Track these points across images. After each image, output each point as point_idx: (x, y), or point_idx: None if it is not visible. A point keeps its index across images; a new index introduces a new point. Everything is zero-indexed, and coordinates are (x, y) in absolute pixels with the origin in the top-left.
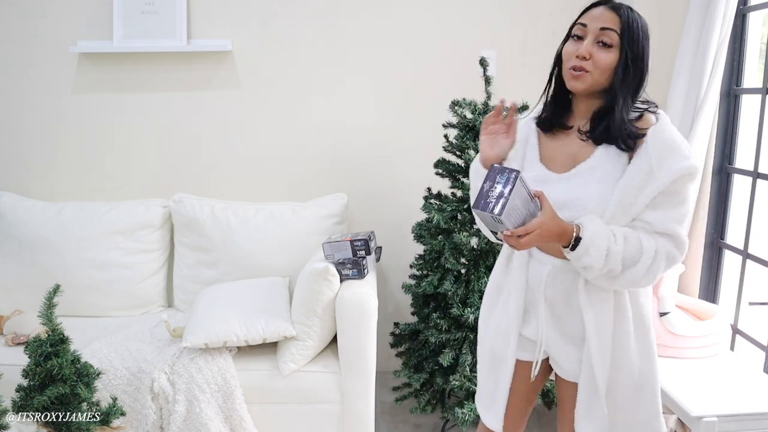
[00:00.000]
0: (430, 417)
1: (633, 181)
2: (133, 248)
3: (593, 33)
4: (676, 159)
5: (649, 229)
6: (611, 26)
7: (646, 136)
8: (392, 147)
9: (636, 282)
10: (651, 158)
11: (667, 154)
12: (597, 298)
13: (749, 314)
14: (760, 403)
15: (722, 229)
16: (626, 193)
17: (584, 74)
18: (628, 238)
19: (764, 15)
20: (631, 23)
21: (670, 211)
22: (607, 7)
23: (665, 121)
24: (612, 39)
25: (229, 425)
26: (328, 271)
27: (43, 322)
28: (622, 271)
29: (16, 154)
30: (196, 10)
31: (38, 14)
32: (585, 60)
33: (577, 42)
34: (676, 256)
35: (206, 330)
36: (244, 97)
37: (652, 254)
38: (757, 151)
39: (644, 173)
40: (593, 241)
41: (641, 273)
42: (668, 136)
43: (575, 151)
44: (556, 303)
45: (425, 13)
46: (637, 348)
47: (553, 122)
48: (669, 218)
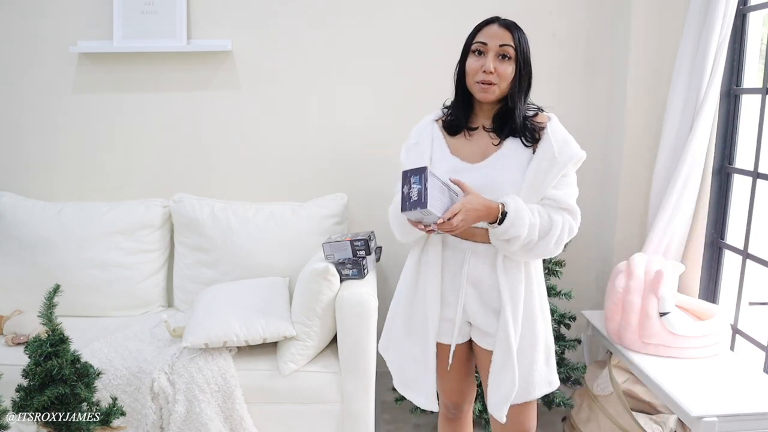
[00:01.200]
0: (430, 417)
1: (540, 166)
2: (133, 248)
3: (494, 50)
4: (571, 148)
5: (555, 205)
6: (508, 42)
7: (546, 130)
8: (392, 147)
9: (548, 251)
10: (553, 147)
11: (565, 144)
12: (511, 271)
13: (749, 314)
14: (760, 403)
15: (722, 229)
16: (535, 177)
17: (492, 86)
18: (541, 213)
19: (764, 15)
20: (520, 38)
21: (567, 189)
22: (500, 25)
23: (556, 120)
24: (510, 53)
25: (229, 425)
26: (328, 271)
27: (43, 322)
28: (537, 241)
29: (16, 154)
30: (196, 10)
31: (38, 14)
32: (491, 74)
33: (479, 57)
34: (574, 227)
35: (206, 330)
36: (244, 97)
37: (559, 226)
38: (757, 151)
39: (548, 159)
40: (518, 214)
41: (552, 242)
42: (563, 130)
43: (483, 145)
44: (479, 278)
45: (425, 14)
46: (540, 314)
47: (460, 125)
48: (568, 195)
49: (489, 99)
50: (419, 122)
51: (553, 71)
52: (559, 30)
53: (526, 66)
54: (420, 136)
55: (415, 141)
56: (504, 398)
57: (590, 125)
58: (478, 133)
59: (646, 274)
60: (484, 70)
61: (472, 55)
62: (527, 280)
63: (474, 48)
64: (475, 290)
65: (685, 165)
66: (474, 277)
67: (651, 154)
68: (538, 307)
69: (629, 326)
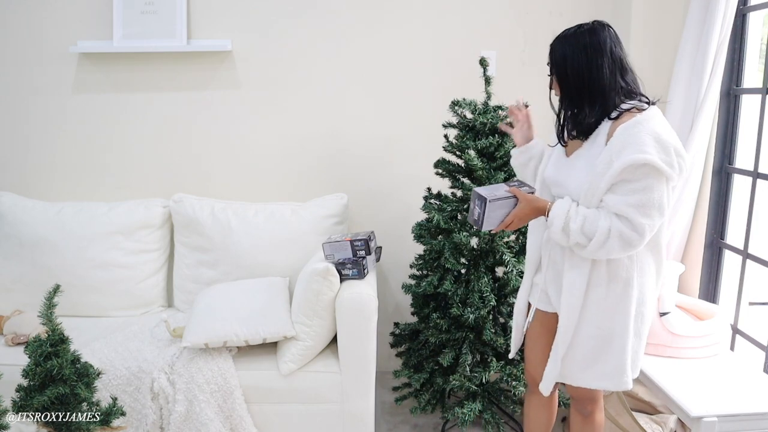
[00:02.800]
0: (430, 417)
1: (598, 169)
2: (133, 248)
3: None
4: (631, 151)
5: (607, 209)
6: (548, 62)
7: (615, 132)
8: (392, 147)
9: (595, 254)
10: (612, 151)
11: (626, 147)
12: (576, 260)
13: (749, 314)
14: (760, 403)
15: (722, 229)
16: (593, 179)
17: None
18: (588, 217)
19: (764, 15)
20: (554, 54)
21: (625, 197)
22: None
23: (639, 121)
24: (550, 71)
25: (229, 425)
26: (329, 271)
27: (43, 322)
28: (587, 244)
29: (16, 154)
30: (196, 10)
31: (38, 14)
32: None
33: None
34: (632, 238)
35: (206, 330)
36: (244, 97)
37: (605, 232)
38: (757, 151)
39: (606, 163)
40: (552, 221)
41: (596, 247)
42: (635, 132)
43: (577, 143)
44: (556, 259)
45: (426, 13)
46: (607, 307)
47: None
48: (623, 202)
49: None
50: None
51: None
52: (559, 30)
53: (561, 75)
54: None
55: None
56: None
57: None
58: None
59: None
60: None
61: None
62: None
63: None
64: (554, 269)
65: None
66: (553, 257)
67: None
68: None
69: None
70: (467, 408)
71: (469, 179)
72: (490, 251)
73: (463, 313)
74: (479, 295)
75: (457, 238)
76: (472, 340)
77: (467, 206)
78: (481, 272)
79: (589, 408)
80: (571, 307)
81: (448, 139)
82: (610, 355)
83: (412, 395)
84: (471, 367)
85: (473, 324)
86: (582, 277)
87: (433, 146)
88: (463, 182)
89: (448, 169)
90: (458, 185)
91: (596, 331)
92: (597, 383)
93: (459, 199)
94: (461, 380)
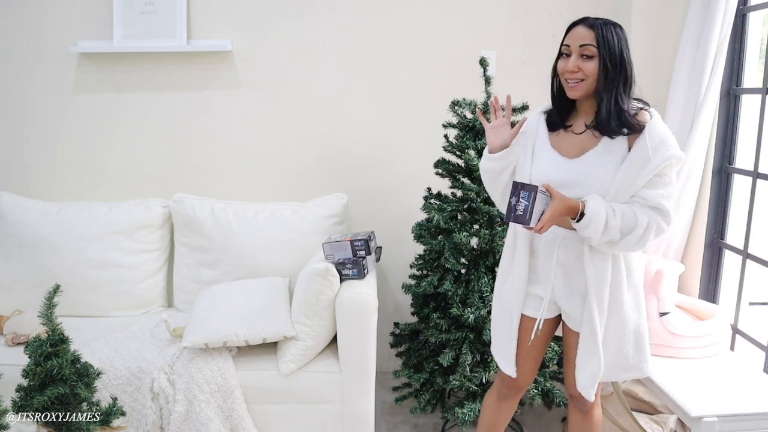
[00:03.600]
0: (430, 417)
1: (633, 165)
2: (133, 248)
3: (576, 50)
4: (666, 148)
5: (644, 203)
6: (589, 42)
7: (645, 130)
8: (392, 147)
9: (630, 248)
10: (648, 147)
11: (660, 144)
12: (598, 259)
13: (749, 314)
14: (760, 403)
15: (722, 229)
16: (627, 176)
17: (579, 84)
18: (626, 213)
19: (764, 15)
20: (605, 34)
21: (660, 190)
22: (584, 25)
23: (658, 118)
24: (591, 51)
25: (229, 425)
26: (329, 271)
27: (43, 322)
28: (620, 239)
29: (16, 154)
30: (196, 10)
31: (38, 14)
32: (575, 72)
33: (566, 59)
34: (664, 227)
35: (206, 330)
36: (244, 97)
37: (644, 225)
38: (757, 151)
39: (642, 159)
40: (593, 219)
41: (634, 240)
42: (661, 130)
43: (584, 141)
44: (567, 263)
45: (426, 13)
46: (629, 301)
47: (559, 124)
48: (659, 195)
49: (576, 95)
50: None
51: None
52: (559, 30)
53: (614, 62)
54: (529, 126)
55: (525, 129)
56: (591, 379)
57: None
58: (579, 128)
59: (646, 274)
60: (567, 69)
61: (561, 57)
62: (615, 269)
63: (562, 50)
64: (564, 273)
65: (685, 165)
66: (563, 261)
67: None
68: (628, 295)
69: None
70: (467, 408)
71: (469, 179)
72: (490, 251)
73: (463, 313)
74: (479, 295)
75: (457, 238)
76: (472, 340)
77: (467, 206)
78: (481, 272)
79: (589, 404)
80: (602, 304)
81: (448, 139)
82: (635, 343)
83: (412, 395)
84: (471, 367)
85: (473, 324)
86: (606, 271)
87: (433, 146)
88: (463, 182)
89: (448, 169)
90: (458, 185)
91: (622, 323)
92: (624, 375)
93: (459, 199)
94: (461, 380)
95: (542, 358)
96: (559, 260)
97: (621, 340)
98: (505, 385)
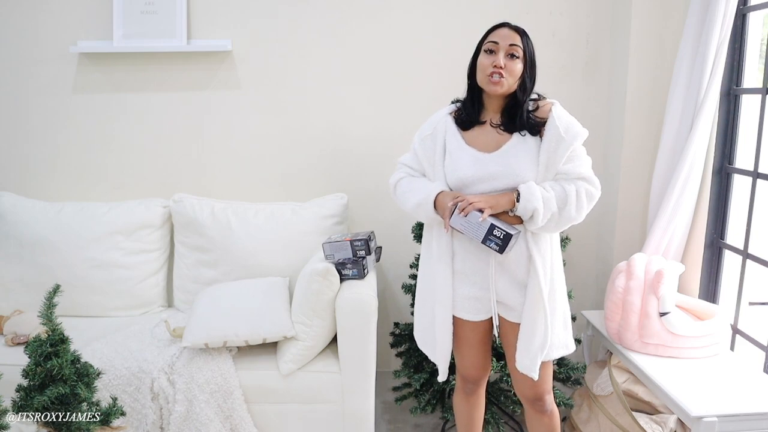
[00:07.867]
0: (430, 417)
1: (551, 145)
2: (133, 248)
3: (504, 49)
4: (575, 127)
5: (566, 177)
6: (517, 43)
7: (552, 114)
8: (392, 147)
9: (571, 218)
10: (559, 128)
11: (569, 125)
12: (541, 243)
13: (749, 314)
14: (760, 403)
15: (722, 229)
16: (548, 157)
17: (501, 80)
18: (554, 186)
19: (764, 15)
20: (527, 42)
21: (576, 161)
22: (511, 28)
23: (559, 105)
24: (518, 52)
25: (229, 425)
26: (329, 271)
27: (43, 322)
28: (559, 212)
29: (16, 154)
30: (196, 10)
31: (38, 14)
32: (501, 69)
33: (490, 55)
34: (592, 191)
35: (206, 330)
36: (244, 97)
37: (573, 193)
38: (757, 151)
39: (555, 140)
40: (529, 191)
41: (573, 210)
42: (566, 114)
43: (496, 137)
44: (505, 260)
45: (425, 13)
46: (559, 283)
47: (472, 120)
48: (576, 166)
49: (498, 92)
50: (433, 115)
51: (553, 71)
52: (559, 30)
53: (532, 67)
54: (434, 129)
55: (429, 132)
56: (533, 360)
57: (590, 125)
58: (485, 126)
59: (646, 274)
60: (494, 65)
61: (484, 54)
62: (552, 251)
63: (486, 47)
64: (502, 270)
65: (685, 165)
66: (501, 260)
67: (651, 154)
68: (557, 277)
69: (629, 326)
70: None
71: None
72: None
73: None
74: None
75: None
76: None
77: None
78: None
79: (549, 400)
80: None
81: None
82: (563, 322)
83: (412, 395)
84: None
85: None
86: (547, 255)
87: None
88: None
89: None
90: None
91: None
92: (556, 353)
93: None
94: None
95: (491, 346)
96: (497, 259)
97: (552, 321)
98: (467, 381)
